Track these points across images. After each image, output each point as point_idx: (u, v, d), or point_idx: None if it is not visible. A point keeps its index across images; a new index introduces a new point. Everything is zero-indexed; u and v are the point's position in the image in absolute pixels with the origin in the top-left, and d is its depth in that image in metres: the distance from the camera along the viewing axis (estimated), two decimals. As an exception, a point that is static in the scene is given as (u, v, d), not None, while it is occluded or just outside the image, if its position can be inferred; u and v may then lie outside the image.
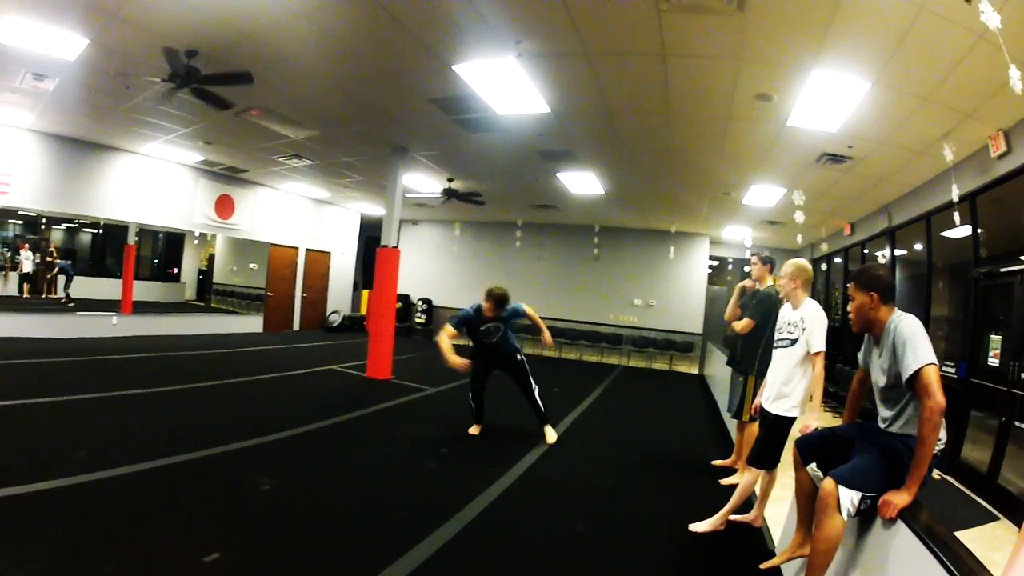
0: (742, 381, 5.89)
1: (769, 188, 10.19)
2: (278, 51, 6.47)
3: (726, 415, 8.03)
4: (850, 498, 2.78)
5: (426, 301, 19.16)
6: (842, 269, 13.25)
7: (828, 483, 2.84)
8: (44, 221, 17.23)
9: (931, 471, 2.76)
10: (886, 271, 3.15)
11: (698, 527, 4.42)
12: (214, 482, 4.68)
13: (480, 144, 9.47)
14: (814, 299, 4.42)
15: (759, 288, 5.90)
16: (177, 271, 21.33)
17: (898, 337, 2.84)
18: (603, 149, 9.35)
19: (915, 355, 2.73)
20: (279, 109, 8.65)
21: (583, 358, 17.27)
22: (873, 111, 6.21)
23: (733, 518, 4.51)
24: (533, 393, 6.83)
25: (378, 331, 10.49)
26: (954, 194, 6.67)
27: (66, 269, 15.93)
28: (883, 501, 2.70)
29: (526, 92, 6.91)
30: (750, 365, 5.64)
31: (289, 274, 17.09)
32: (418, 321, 19.10)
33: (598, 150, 9.46)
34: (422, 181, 12.75)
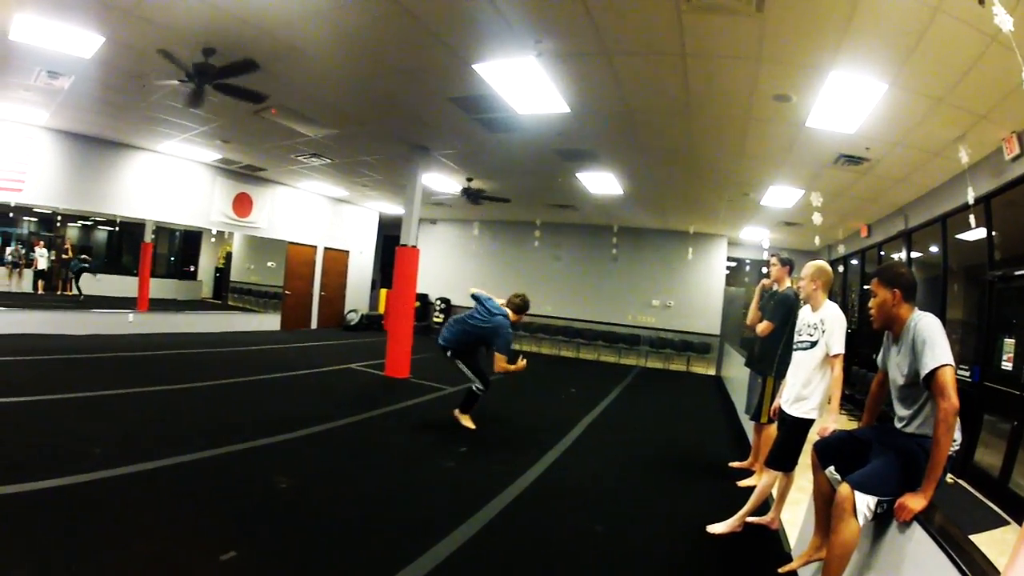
0: (760, 383, 5.87)
1: (787, 189, 10.14)
2: (296, 49, 6.49)
3: (743, 417, 8.01)
4: (866, 503, 2.79)
5: (444, 300, 19.17)
6: (859, 271, 13.18)
7: (844, 488, 2.85)
8: (59, 218, 17.35)
9: (945, 474, 2.76)
10: (908, 270, 3.14)
11: (716, 528, 4.44)
12: (231, 480, 4.70)
13: (500, 144, 9.49)
14: (832, 301, 4.42)
15: (777, 290, 5.89)
16: (194, 269, 21.43)
17: (918, 335, 2.84)
18: (622, 149, 9.35)
19: (933, 354, 2.73)
20: (297, 107, 8.68)
21: (601, 358, 17.26)
22: (890, 112, 6.18)
23: (750, 520, 4.52)
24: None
25: (397, 330, 10.53)
26: (969, 196, 6.63)
27: (77, 268, 16.00)
28: (899, 504, 2.70)
29: (546, 92, 6.91)
30: (769, 366, 5.63)
31: (307, 272, 17.13)
32: (436, 320, 19.06)
33: (617, 150, 9.45)
34: (441, 181, 12.80)
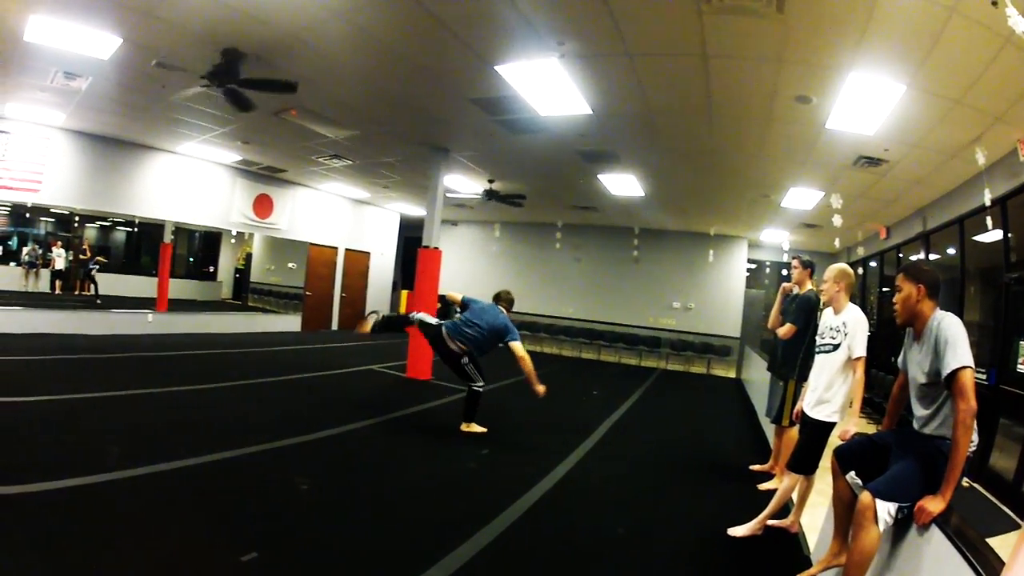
0: (782, 386, 5.87)
1: (807, 191, 10.09)
2: (316, 50, 6.52)
3: (763, 419, 7.98)
4: (887, 509, 2.80)
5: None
6: (878, 273, 13.09)
7: (866, 497, 2.84)
8: (77, 219, 17.56)
9: (962, 476, 2.77)
10: (933, 268, 3.14)
11: (737, 531, 4.44)
12: (252, 481, 4.71)
13: (521, 145, 9.51)
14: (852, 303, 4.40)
15: (798, 292, 5.88)
16: (213, 270, 21.61)
17: (940, 334, 2.85)
18: (644, 151, 9.35)
19: (956, 355, 2.74)
20: (318, 109, 8.74)
21: (622, 361, 17.24)
22: (908, 113, 6.15)
23: (770, 523, 4.52)
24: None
25: (418, 332, 10.43)
26: (986, 198, 6.59)
27: (88, 269, 16.13)
28: (919, 508, 2.71)
29: (568, 93, 6.93)
30: (791, 369, 5.62)
31: (328, 273, 17.22)
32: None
33: (639, 152, 9.46)
34: (462, 182, 12.84)
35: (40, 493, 3.86)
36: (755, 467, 6.36)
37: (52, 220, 17.82)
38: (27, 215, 16.93)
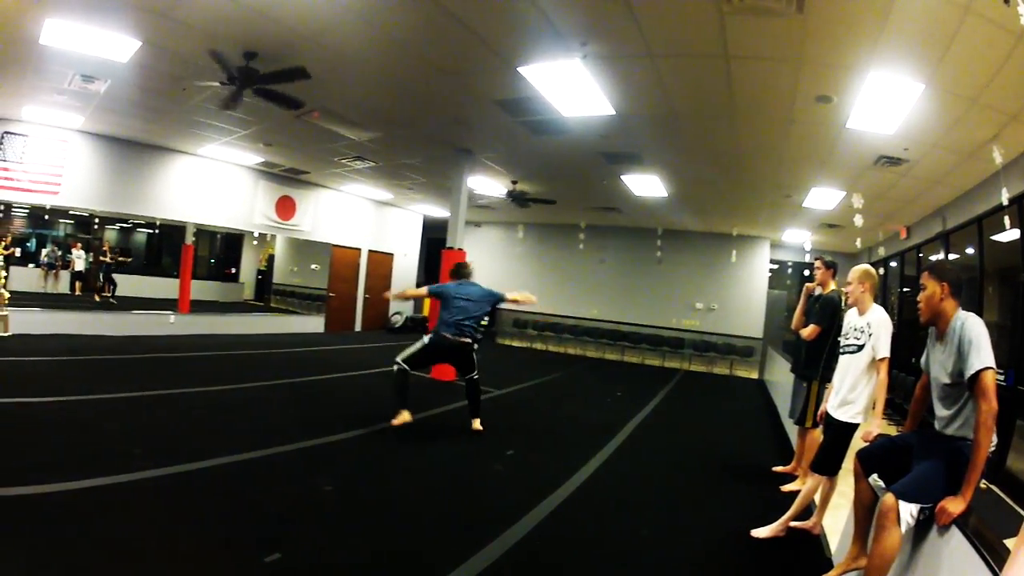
0: (806, 387, 5.86)
1: (828, 191, 10.08)
2: (338, 52, 6.58)
3: (787, 421, 7.96)
4: (909, 511, 2.81)
5: (487, 304, 19.04)
6: (898, 273, 13.01)
7: (889, 499, 2.86)
8: (97, 221, 17.76)
9: (981, 477, 2.78)
10: (955, 268, 3.15)
11: (760, 532, 4.45)
12: (275, 482, 4.73)
13: (545, 146, 9.56)
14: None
15: (821, 292, 5.87)
16: (235, 271, 21.77)
17: (964, 334, 2.86)
18: (666, 151, 9.38)
19: (979, 356, 2.76)
20: (341, 111, 8.82)
21: (645, 361, 17.24)
22: (927, 113, 6.16)
23: (793, 524, 4.52)
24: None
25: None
26: (1003, 197, 6.55)
27: (105, 269, 16.15)
28: (940, 508, 2.72)
29: (591, 94, 6.97)
30: (814, 371, 5.62)
31: (351, 275, 17.28)
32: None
33: (661, 152, 9.49)
34: (486, 183, 12.90)
35: (62, 493, 3.89)
36: (778, 468, 6.36)
37: (71, 222, 18.03)
38: (46, 217, 17.09)
